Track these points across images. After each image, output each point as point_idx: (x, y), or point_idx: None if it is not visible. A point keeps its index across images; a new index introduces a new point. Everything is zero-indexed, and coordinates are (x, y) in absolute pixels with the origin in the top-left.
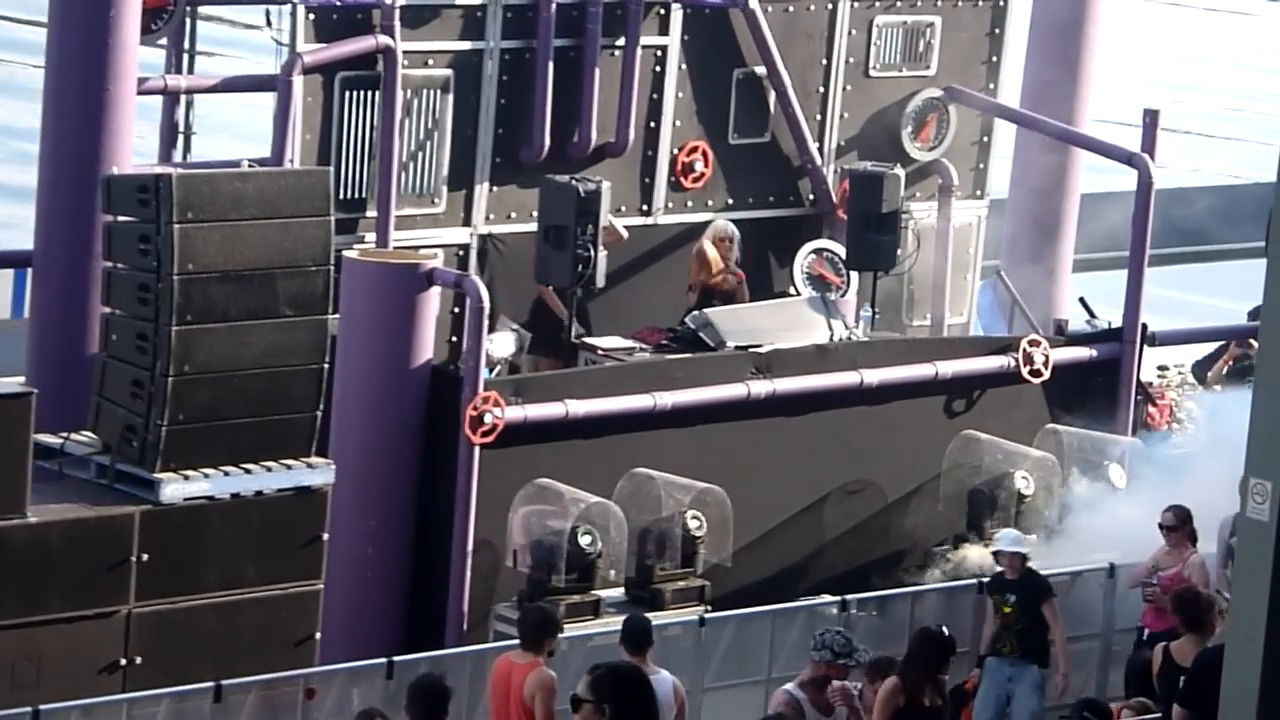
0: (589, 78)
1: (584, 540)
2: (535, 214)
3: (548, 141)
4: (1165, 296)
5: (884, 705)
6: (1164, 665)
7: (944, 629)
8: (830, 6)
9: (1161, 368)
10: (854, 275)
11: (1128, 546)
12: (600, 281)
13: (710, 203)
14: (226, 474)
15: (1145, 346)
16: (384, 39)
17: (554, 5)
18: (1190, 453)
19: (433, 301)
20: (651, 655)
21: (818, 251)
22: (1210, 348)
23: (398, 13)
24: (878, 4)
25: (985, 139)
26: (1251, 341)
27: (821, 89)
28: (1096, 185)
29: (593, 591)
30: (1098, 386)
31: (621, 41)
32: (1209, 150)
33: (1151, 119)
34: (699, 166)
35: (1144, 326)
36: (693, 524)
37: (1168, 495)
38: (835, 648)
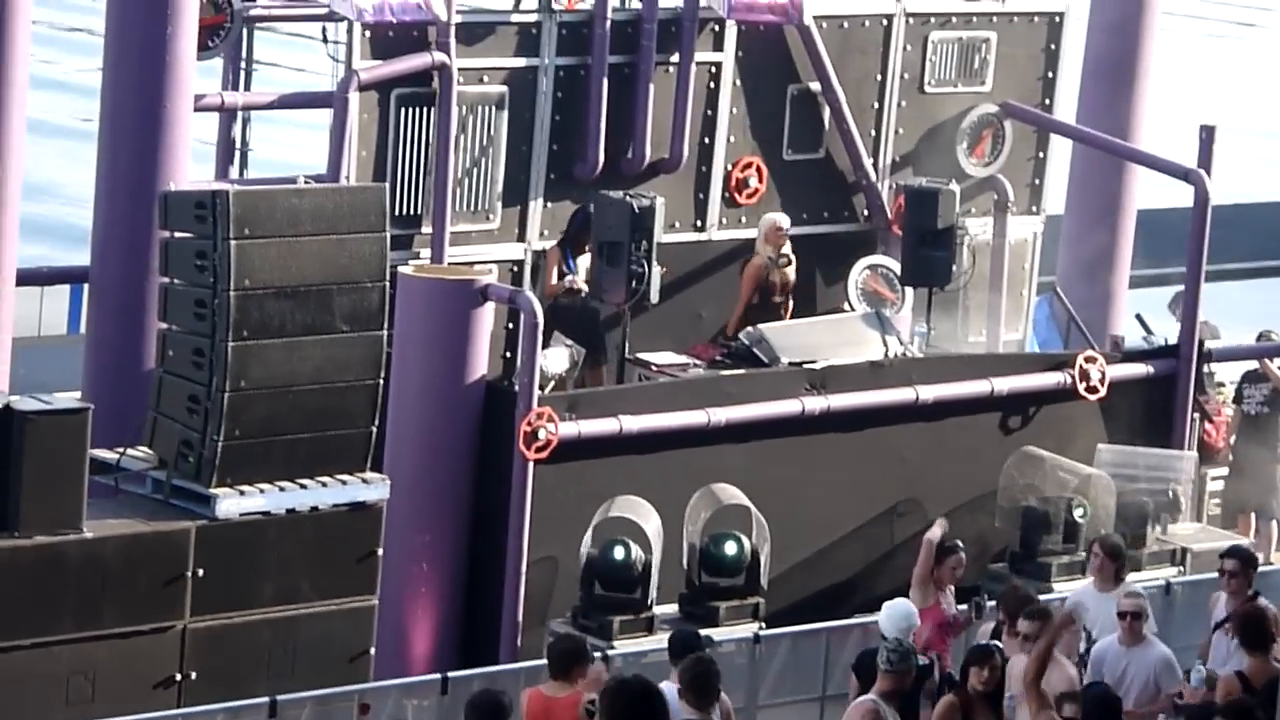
0: (643, 94)
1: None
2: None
3: (602, 158)
4: None
5: None
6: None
7: (995, 644)
8: (885, 23)
9: (1218, 385)
10: (909, 291)
11: None
12: (654, 298)
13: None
14: (282, 489)
15: (1202, 364)
16: (439, 56)
17: (609, 22)
18: None
19: (487, 317)
20: None
21: (872, 267)
22: None
23: (453, 30)
24: (933, 20)
25: (1041, 155)
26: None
27: (876, 105)
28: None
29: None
30: (1154, 403)
31: (676, 58)
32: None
33: (1208, 135)
34: (753, 182)
35: (1200, 343)
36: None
37: None
38: (890, 656)
